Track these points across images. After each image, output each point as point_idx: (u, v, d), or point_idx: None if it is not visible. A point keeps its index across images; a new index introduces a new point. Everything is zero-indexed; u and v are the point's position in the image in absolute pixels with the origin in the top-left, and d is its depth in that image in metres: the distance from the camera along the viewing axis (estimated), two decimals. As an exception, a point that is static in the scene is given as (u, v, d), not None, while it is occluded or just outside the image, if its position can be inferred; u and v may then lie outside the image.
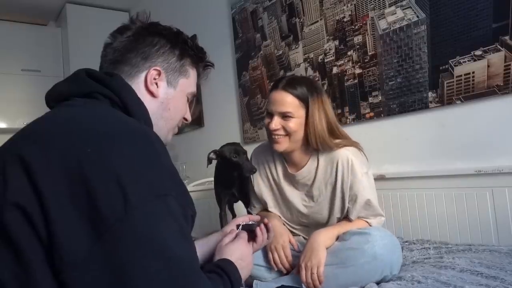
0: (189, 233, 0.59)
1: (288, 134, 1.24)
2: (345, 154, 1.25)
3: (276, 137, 1.25)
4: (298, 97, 1.24)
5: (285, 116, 1.23)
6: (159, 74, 0.77)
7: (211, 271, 0.72)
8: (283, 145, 1.26)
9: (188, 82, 0.83)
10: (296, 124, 1.24)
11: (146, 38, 0.77)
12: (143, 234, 0.51)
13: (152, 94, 0.77)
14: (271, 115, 1.27)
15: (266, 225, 1.02)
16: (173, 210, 0.55)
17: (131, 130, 0.60)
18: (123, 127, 0.60)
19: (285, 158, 1.37)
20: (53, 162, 0.53)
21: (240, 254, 0.85)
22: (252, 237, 0.98)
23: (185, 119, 0.87)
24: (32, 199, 0.51)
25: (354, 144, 1.29)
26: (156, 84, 0.77)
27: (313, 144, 1.24)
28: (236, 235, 0.93)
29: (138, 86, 0.75)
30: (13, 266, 0.52)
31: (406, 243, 1.48)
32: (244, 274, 0.82)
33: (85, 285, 0.49)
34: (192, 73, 0.84)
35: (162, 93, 0.78)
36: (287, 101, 1.23)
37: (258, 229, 0.98)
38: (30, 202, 0.51)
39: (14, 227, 0.51)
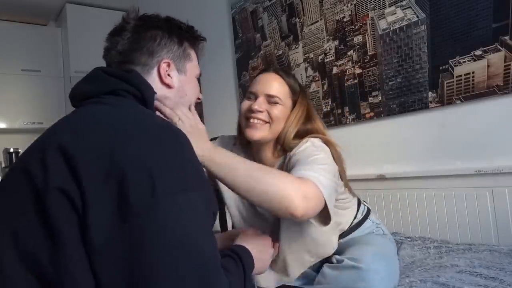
0: (211, 229, 0.60)
1: (268, 122, 1.11)
2: (305, 144, 1.07)
3: (255, 121, 1.10)
4: (289, 85, 1.15)
5: (270, 101, 1.11)
6: (169, 65, 0.80)
7: (227, 255, 0.75)
8: (260, 132, 1.10)
9: (193, 65, 0.87)
10: (281, 112, 1.11)
11: (145, 34, 0.79)
12: (168, 224, 0.53)
13: (168, 86, 0.81)
14: (254, 97, 1.13)
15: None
16: (197, 205, 0.57)
17: (162, 126, 0.62)
18: (154, 123, 0.63)
19: (249, 155, 1.19)
20: (90, 151, 0.55)
21: (262, 247, 0.89)
22: None
23: (198, 99, 0.92)
24: (72, 184, 0.53)
25: (323, 138, 1.10)
26: (169, 75, 0.81)
27: (280, 139, 1.11)
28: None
29: (153, 82, 0.79)
30: (50, 249, 0.53)
31: (408, 239, 1.48)
32: (258, 266, 0.84)
33: (107, 268, 0.51)
34: (193, 54, 0.88)
35: (176, 82, 0.82)
36: (278, 85, 1.13)
37: None
38: (71, 186, 0.53)
39: (55, 211, 0.53)
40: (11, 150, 3.40)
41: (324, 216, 0.95)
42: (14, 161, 3.38)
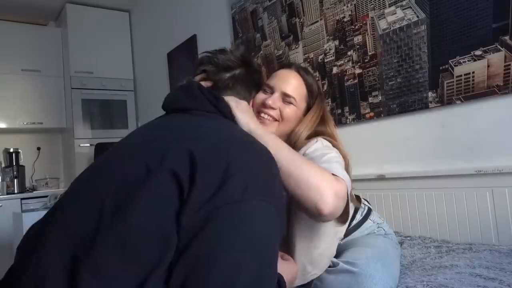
0: (278, 246, 0.67)
1: (278, 120, 1.11)
2: (315, 144, 1.06)
3: (266, 116, 1.10)
4: (308, 87, 1.14)
5: (285, 100, 1.12)
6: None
7: None
8: (268, 128, 1.08)
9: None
10: (293, 112, 1.11)
11: (249, 78, 0.95)
12: (245, 219, 0.61)
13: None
14: (271, 91, 1.13)
15: None
16: (273, 218, 0.65)
17: (264, 148, 0.76)
18: (258, 143, 0.77)
19: None
20: (208, 153, 0.67)
21: (291, 278, 0.91)
22: None
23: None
24: (186, 169, 0.63)
25: (333, 142, 1.10)
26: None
27: (293, 139, 1.11)
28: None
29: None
30: (152, 219, 0.60)
31: (408, 238, 1.48)
32: None
33: (182, 239, 0.58)
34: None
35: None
36: (296, 84, 1.12)
37: None
38: (184, 170, 0.63)
39: (162, 187, 0.62)
40: (11, 150, 3.40)
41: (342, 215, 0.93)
42: (14, 161, 3.38)
